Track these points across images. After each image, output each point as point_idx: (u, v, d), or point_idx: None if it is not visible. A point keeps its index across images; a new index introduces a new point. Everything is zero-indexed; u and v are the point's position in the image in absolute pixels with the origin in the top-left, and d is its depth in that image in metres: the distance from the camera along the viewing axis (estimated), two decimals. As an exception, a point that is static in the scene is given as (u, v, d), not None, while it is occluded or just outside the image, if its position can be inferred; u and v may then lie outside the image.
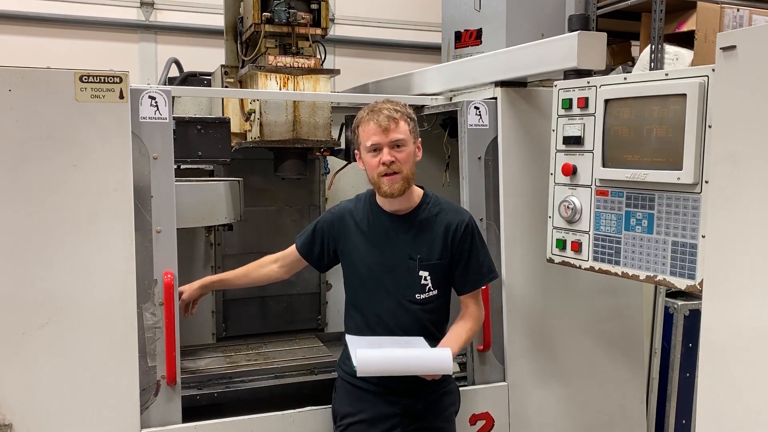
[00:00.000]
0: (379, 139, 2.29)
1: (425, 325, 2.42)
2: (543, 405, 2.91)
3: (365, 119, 2.34)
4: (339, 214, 2.53)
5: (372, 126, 2.30)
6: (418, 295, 2.40)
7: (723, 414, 1.93)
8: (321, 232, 2.54)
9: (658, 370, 3.50)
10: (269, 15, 2.98)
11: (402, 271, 2.40)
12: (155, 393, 2.43)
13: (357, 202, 2.56)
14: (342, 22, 6.42)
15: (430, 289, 2.41)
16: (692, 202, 2.09)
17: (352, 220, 2.49)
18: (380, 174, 2.32)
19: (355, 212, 2.50)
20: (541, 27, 3.98)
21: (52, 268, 2.28)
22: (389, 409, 2.37)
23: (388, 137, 2.29)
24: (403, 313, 2.40)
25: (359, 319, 2.46)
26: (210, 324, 3.48)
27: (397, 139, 2.31)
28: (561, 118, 2.53)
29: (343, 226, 2.50)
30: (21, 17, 5.54)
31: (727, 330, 1.91)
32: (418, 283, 2.40)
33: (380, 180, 2.33)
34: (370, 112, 2.34)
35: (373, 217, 2.46)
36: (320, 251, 2.55)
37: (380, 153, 2.31)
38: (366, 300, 2.44)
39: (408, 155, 2.34)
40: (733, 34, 1.89)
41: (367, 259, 2.43)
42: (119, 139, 2.33)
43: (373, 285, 2.42)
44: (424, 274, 2.40)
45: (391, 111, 2.32)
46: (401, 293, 2.40)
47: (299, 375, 2.90)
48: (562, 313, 2.92)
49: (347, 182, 3.70)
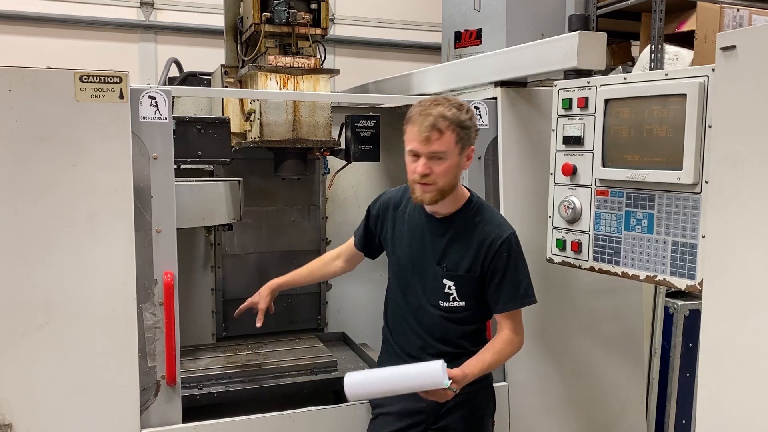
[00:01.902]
0: (418, 147, 2.15)
1: (450, 334, 2.36)
2: (543, 405, 2.91)
3: (412, 120, 2.18)
4: (384, 204, 2.51)
5: (415, 132, 2.15)
6: (442, 302, 2.34)
7: (723, 414, 1.93)
8: (373, 225, 2.54)
9: (658, 370, 3.50)
10: (269, 15, 2.98)
11: (429, 275, 2.35)
12: (155, 393, 2.43)
13: (406, 192, 2.43)
14: (342, 22, 6.43)
15: (455, 299, 2.32)
16: (692, 202, 2.09)
17: (394, 211, 2.47)
18: (413, 181, 2.21)
19: (402, 203, 2.46)
20: (541, 27, 3.97)
21: (52, 268, 2.28)
22: (415, 405, 2.33)
23: (428, 148, 2.14)
24: (425, 316, 2.36)
25: (392, 309, 2.48)
26: (210, 324, 3.48)
27: (436, 151, 2.14)
28: (561, 118, 2.53)
29: (387, 215, 2.49)
30: (21, 17, 5.54)
31: (727, 330, 1.91)
32: (442, 291, 2.32)
33: (414, 186, 2.23)
34: (419, 115, 2.16)
35: (414, 213, 2.41)
36: (378, 245, 2.56)
37: (417, 160, 2.18)
38: (397, 293, 2.44)
39: (447, 168, 2.17)
40: (733, 34, 1.89)
41: (401, 253, 2.42)
42: (119, 139, 2.33)
43: (405, 280, 2.40)
44: (449, 284, 2.31)
45: (438, 119, 2.12)
46: (426, 296, 2.36)
47: (299, 375, 2.90)
48: (562, 313, 2.92)
49: (347, 182, 3.71)
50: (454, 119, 2.15)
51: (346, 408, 2.66)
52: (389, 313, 2.50)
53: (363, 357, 3.22)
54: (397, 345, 2.44)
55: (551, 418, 2.93)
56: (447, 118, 2.14)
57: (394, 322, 2.46)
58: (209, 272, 3.48)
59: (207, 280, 3.48)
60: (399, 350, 2.43)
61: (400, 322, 2.42)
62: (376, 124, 3.08)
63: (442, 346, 2.35)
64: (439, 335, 2.36)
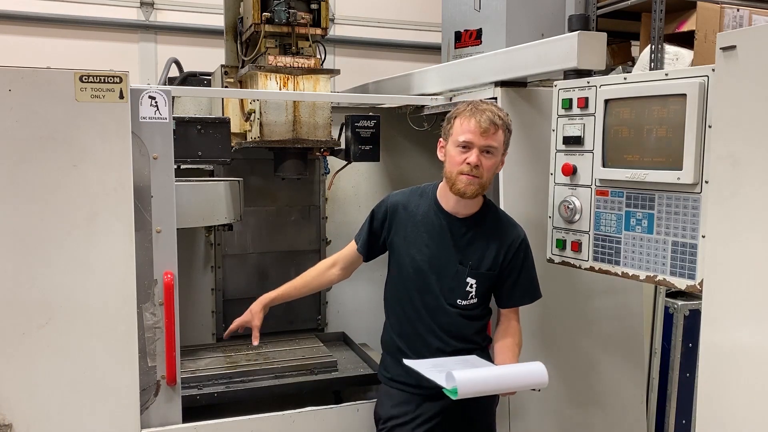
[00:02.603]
0: (474, 139, 2.23)
1: (466, 331, 2.40)
2: (543, 405, 2.91)
3: (466, 113, 2.26)
4: (392, 206, 2.48)
5: (472, 123, 2.23)
6: (460, 301, 2.38)
7: (723, 414, 1.93)
8: (378, 228, 2.50)
9: (658, 370, 3.50)
10: (269, 15, 2.98)
11: (449, 274, 2.37)
12: (155, 393, 2.43)
13: (414, 195, 2.48)
14: (342, 22, 6.43)
15: (472, 297, 2.38)
16: (692, 202, 2.09)
17: (405, 213, 2.45)
18: (460, 172, 2.26)
19: (412, 205, 2.45)
20: (541, 27, 3.97)
21: (52, 268, 2.28)
22: (432, 409, 2.37)
23: (484, 141, 2.23)
24: (442, 315, 2.38)
25: (401, 314, 2.44)
26: (210, 324, 3.49)
27: (490, 145, 2.25)
28: (561, 118, 2.53)
29: (396, 218, 2.46)
30: (21, 17, 5.54)
31: (727, 330, 1.91)
32: (463, 289, 2.37)
33: (458, 177, 2.27)
34: (473, 109, 2.26)
35: (432, 215, 2.42)
36: (381, 248, 2.53)
37: (469, 152, 2.24)
38: (408, 296, 2.41)
39: (494, 164, 2.29)
40: (733, 34, 1.89)
41: (415, 255, 2.40)
42: (119, 139, 2.33)
43: (418, 282, 2.39)
44: (471, 282, 2.37)
45: (494, 116, 2.25)
46: (444, 295, 2.37)
47: (299, 375, 2.90)
48: (562, 313, 2.92)
49: (347, 182, 3.71)
50: (506, 120, 2.30)
51: (346, 408, 2.66)
52: (396, 319, 2.46)
53: (363, 357, 3.22)
54: (411, 349, 2.40)
55: (551, 418, 2.93)
56: (501, 118, 2.28)
57: (406, 327, 2.42)
58: (209, 272, 3.48)
59: (207, 280, 3.48)
60: (413, 354, 2.38)
61: (414, 325, 2.40)
62: (376, 124, 3.08)
63: (458, 344, 2.39)
64: (456, 333, 2.39)
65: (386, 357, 2.52)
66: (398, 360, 2.40)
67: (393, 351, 2.47)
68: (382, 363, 2.55)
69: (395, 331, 2.46)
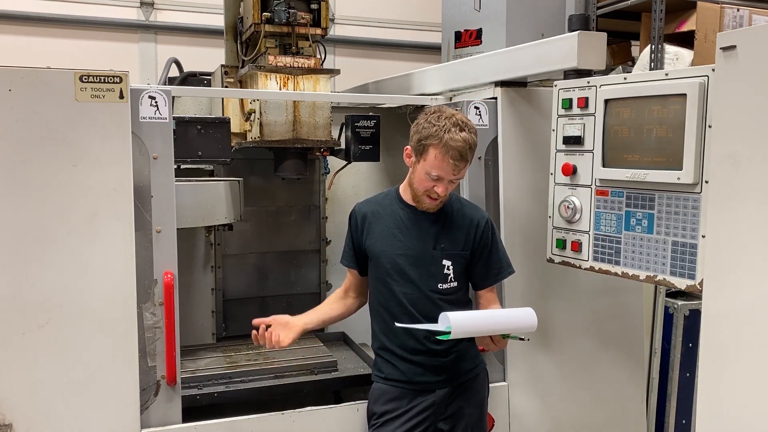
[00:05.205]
0: (444, 175, 2.30)
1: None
2: (543, 405, 2.91)
3: (440, 148, 2.26)
4: (361, 213, 2.55)
5: (446, 162, 2.27)
6: (440, 285, 2.44)
7: (723, 414, 1.93)
8: (357, 238, 2.55)
9: (658, 370, 3.50)
10: (269, 15, 2.98)
11: (426, 261, 2.43)
12: (155, 393, 2.43)
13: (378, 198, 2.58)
14: (342, 22, 6.42)
15: (451, 280, 2.45)
16: (692, 202, 2.09)
17: (373, 217, 2.51)
18: (428, 195, 2.37)
19: (379, 207, 2.53)
20: (541, 27, 3.97)
21: (52, 268, 2.28)
22: (425, 401, 2.44)
23: (453, 175, 2.31)
24: (426, 303, 2.42)
25: (384, 313, 2.47)
26: (210, 324, 3.48)
27: (458, 177, 2.35)
28: (561, 118, 2.54)
29: (367, 223, 2.52)
30: (21, 17, 5.54)
31: (726, 330, 1.91)
32: (441, 273, 2.44)
33: (424, 196, 2.38)
34: (446, 145, 2.25)
35: (399, 211, 2.49)
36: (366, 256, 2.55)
37: (439, 182, 2.32)
38: (389, 291, 2.45)
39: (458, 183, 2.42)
40: (733, 34, 1.89)
41: (388, 249, 2.45)
42: (119, 139, 2.33)
43: (397, 276, 2.43)
44: (448, 264, 2.44)
45: (464, 149, 2.26)
46: (424, 283, 2.43)
47: (299, 375, 2.90)
48: (562, 313, 2.92)
49: (347, 182, 3.71)
50: (474, 145, 2.32)
51: (346, 408, 2.66)
52: (381, 319, 2.50)
53: (363, 357, 3.21)
54: (399, 345, 2.45)
55: (551, 418, 2.93)
56: (471, 147, 2.30)
57: (391, 323, 2.44)
58: (209, 272, 3.48)
59: (207, 280, 3.48)
60: (401, 350, 2.45)
61: (399, 319, 2.43)
62: (376, 124, 3.08)
63: None
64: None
65: (377, 359, 2.56)
66: (387, 359, 2.49)
67: (382, 351, 2.52)
68: (374, 365, 2.59)
69: (382, 332, 2.50)
